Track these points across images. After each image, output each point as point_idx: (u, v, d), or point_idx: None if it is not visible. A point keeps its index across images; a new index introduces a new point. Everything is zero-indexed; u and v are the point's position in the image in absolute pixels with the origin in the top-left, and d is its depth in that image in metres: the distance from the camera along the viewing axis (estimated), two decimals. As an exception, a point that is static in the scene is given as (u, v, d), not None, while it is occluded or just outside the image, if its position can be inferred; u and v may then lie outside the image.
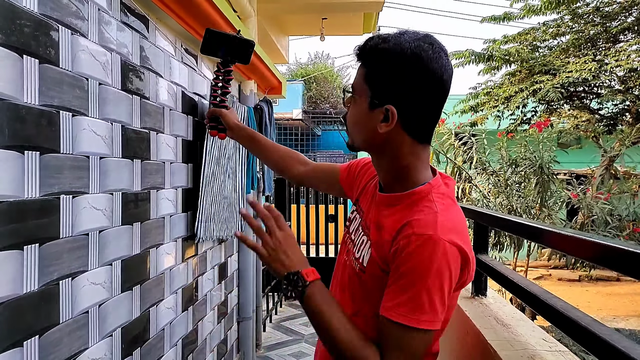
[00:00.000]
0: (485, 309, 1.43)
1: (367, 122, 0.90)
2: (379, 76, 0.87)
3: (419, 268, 0.79)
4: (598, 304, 8.13)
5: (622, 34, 7.71)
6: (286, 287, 0.87)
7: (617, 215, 5.49)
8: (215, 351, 2.54)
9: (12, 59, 1.01)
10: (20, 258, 1.03)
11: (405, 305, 0.79)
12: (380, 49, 0.86)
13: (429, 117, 0.89)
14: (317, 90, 14.76)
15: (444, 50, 0.87)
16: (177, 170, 1.96)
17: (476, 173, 5.80)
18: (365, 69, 0.89)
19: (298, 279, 0.86)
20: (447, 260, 0.80)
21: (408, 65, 0.83)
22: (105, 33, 1.38)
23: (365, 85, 0.89)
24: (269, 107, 3.27)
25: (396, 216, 0.88)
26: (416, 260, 0.80)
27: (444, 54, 0.86)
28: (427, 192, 0.89)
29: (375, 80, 0.87)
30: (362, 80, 0.90)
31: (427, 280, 0.79)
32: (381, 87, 0.87)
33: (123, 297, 1.50)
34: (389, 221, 0.90)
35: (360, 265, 0.94)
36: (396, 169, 0.92)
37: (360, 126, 0.92)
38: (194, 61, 2.16)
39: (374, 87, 0.88)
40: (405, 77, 0.84)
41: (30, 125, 1.06)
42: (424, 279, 0.79)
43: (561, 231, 0.99)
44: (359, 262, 0.95)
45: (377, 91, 0.87)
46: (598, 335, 0.81)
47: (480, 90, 8.79)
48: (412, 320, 0.79)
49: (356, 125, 0.93)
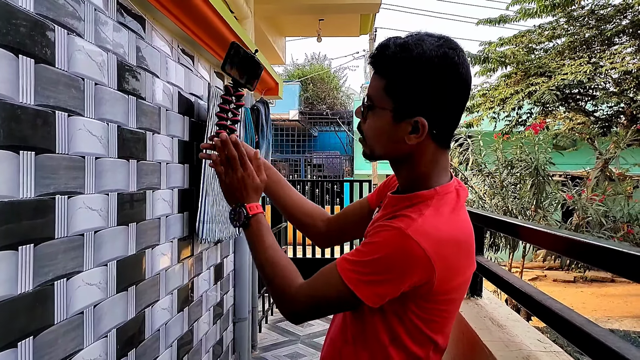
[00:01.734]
0: (481, 310, 1.43)
1: (393, 134, 0.86)
2: (404, 88, 0.83)
3: (376, 246, 0.82)
4: (592, 304, 8.17)
5: (617, 37, 7.77)
6: (233, 217, 1.02)
7: (612, 216, 5.53)
8: (210, 352, 2.53)
9: (7, 58, 1.00)
10: (14, 258, 1.03)
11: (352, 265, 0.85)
12: (403, 59, 0.81)
13: (455, 123, 0.89)
14: (314, 91, 14.77)
15: (463, 50, 0.85)
16: (173, 170, 1.95)
17: (472, 174, 5.82)
18: (385, 79, 0.85)
19: (242, 212, 1.01)
20: (402, 254, 0.80)
21: (437, 75, 0.81)
22: (102, 33, 1.38)
23: (387, 96, 0.85)
24: (265, 108, 3.27)
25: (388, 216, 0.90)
26: (377, 239, 0.83)
27: (464, 55, 0.85)
28: (429, 197, 0.88)
29: (400, 92, 0.83)
30: (381, 92, 0.85)
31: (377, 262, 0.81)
32: (407, 98, 0.83)
33: (118, 297, 1.49)
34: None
35: None
36: (416, 176, 0.91)
37: (383, 138, 0.88)
38: (190, 62, 2.16)
39: (398, 98, 0.84)
40: (434, 87, 0.81)
41: (25, 125, 1.06)
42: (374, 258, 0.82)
43: (556, 232, 0.99)
44: None
45: (403, 103, 0.84)
46: (592, 335, 0.81)
47: (476, 92, 8.83)
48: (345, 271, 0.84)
49: (379, 137, 0.89)
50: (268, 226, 1.02)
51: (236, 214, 1.02)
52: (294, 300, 0.91)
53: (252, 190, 1.03)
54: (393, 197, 0.96)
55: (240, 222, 1.01)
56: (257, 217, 1.01)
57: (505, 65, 8.21)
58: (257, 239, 0.99)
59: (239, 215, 1.01)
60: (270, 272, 0.95)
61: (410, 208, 0.87)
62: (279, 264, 0.95)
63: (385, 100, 0.85)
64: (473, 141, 5.76)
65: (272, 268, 0.95)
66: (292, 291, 0.91)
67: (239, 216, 1.01)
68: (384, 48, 0.85)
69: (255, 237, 1.00)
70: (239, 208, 1.01)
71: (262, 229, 1.00)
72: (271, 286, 0.95)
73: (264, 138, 3.23)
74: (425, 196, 0.88)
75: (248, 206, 1.01)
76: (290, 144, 14.41)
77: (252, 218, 1.00)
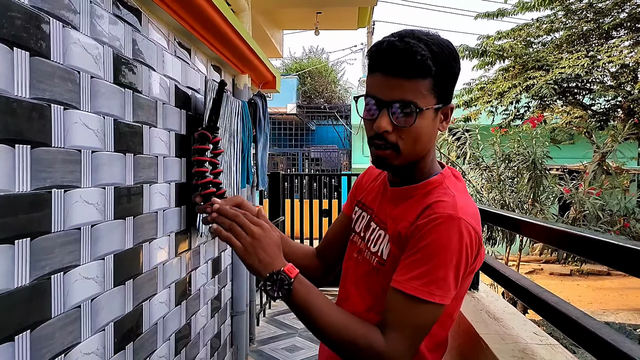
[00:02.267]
0: (477, 303, 1.44)
1: (432, 130, 0.88)
2: (449, 81, 0.87)
3: (437, 243, 0.80)
4: (589, 298, 8.22)
5: (615, 30, 7.76)
6: (272, 288, 0.82)
7: (609, 210, 5.55)
8: (208, 345, 2.54)
9: (2, 51, 0.99)
10: (11, 252, 1.02)
11: (420, 279, 0.80)
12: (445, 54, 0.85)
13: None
14: (312, 85, 14.73)
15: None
16: (171, 164, 1.95)
17: (469, 168, 5.82)
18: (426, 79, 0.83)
19: (283, 278, 0.82)
20: (464, 240, 0.81)
21: (458, 66, 0.88)
22: (97, 26, 1.37)
23: (431, 95, 0.85)
24: (263, 101, 3.26)
25: (415, 205, 0.89)
26: (435, 236, 0.81)
27: None
28: (440, 181, 0.92)
29: (445, 86, 0.86)
30: (424, 92, 0.84)
31: (445, 256, 0.80)
32: (448, 90, 0.88)
33: (115, 291, 1.49)
34: (407, 212, 0.90)
35: (378, 258, 0.94)
36: (424, 166, 0.93)
37: (426, 137, 0.88)
38: (187, 55, 2.15)
39: (442, 92, 0.86)
40: (459, 71, 0.89)
41: (21, 119, 1.05)
42: (441, 255, 0.80)
43: (553, 226, 1.00)
44: (376, 256, 0.95)
45: (442, 96, 0.87)
46: (588, 328, 0.82)
47: (474, 86, 8.82)
48: (424, 293, 0.79)
49: (421, 138, 0.87)
50: (312, 285, 0.86)
51: (275, 284, 0.82)
52: (390, 355, 0.80)
53: (277, 248, 0.86)
54: (401, 190, 0.95)
55: (283, 292, 0.82)
56: (299, 279, 0.84)
57: (503, 59, 8.20)
58: (309, 305, 0.83)
59: (280, 284, 0.82)
60: (340, 338, 0.82)
61: (432, 194, 0.89)
62: (345, 325, 0.82)
63: (430, 98, 0.85)
64: (471, 135, 5.76)
65: (340, 333, 0.81)
66: (382, 347, 0.80)
67: (281, 285, 0.82)
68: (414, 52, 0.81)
69: (305, 302, 0.83)
70: (278, 276, 0.82)
71: (311, 292, 0.84)
72: (346, 351, 0.83)
73: (262, 132, 3.23)
74: (438, 181, 0.91)
75: (285, 269, 0.83)
76: (288, 137, 14.39)
77: (295, 281, 0.83)
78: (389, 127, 0.84)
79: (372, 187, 1.07)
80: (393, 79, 0.83)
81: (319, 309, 0.83)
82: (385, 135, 0.85)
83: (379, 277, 0.93)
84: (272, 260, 0.84)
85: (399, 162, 0.88)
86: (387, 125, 0.84)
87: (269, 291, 0.82)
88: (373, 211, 1.01)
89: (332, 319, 0.82)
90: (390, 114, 0.83)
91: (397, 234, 0.90)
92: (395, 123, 0.84)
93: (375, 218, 1.00)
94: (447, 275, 0.80)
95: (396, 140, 0.85)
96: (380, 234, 0.96)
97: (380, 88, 0.85)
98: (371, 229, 0.99)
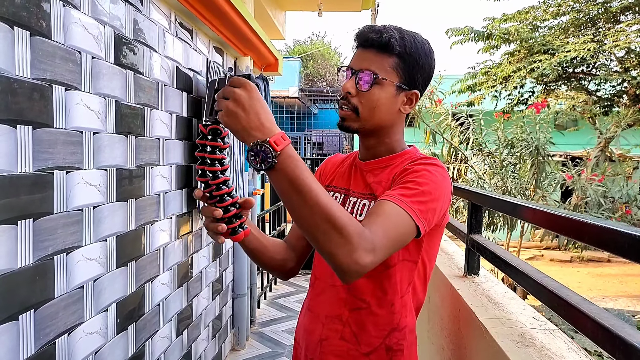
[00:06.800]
0: (477, 288, 1.44)
1: (392, 105, 0.99)
2: (412, 65, 0.98)
3: (427, 177, 0.90)
4: (588, 284, 8.27)
5: (623, 14, 7.64)
6: (254, 159, 0.73)
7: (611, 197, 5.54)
8: (210, 327, 2.57)
9: (2, 30, 0.98)
10: (14, 233, 1.03)
11: (409, 197, 0.86)
12: (412, 41, 0.97)
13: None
14: (314, 68, 14.61)
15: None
16: (172, 147, 1.95)
17: (472, 154, 5.80)
18: (392, 57, 0.96)
19: (267, 150, 0.73)
20: (448, 183, 0.94)
21: (432, 59, 1.01)
22: (98, 5, 1.35)
23: (394, 72, 0.97)
24: (265, 84, 3.23)
25: (397, 168, 0.99)
26: (425, 171, 0.91)
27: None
28: (415, 151, 1.04)
29: (407, 69, 0.97)
30: (388, 68, 0.97)
31: (432, 188, 0.89)
32: (412, 75, 0.98)
33: (118, 272, 1.50)
34: (390, 175, 0.99)
35: None
36: (394, 140, 1.04)
37: (384, 108, 0.98)
38: (188, 36, 2.12)
39: (405, 74, 0.98)
40: (430, 67, 1.01)
41: (22, 99, 1.05)
42: (429, 185, 0.89)
43: (554, 211, 1.00)
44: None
45: (407, 78, 0.98)
46: (587, 313, 0.82)
47: (478, 70, 8.73)
48: (410, 210, 0.85)
49: (380, 107, 0.98)
50: (302, 161, 0.77)
51: (258, 155, 0.73)
52: (373, 246, 0.76)
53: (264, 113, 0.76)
54: (378, 160, 1.04)
55: (267, 164, 0.73)
56: (287, 153, 0.74)
57: (509, 43, 8.09)
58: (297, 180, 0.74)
59: (263, 156, 0.73)
60: (326, 219, 0.73)
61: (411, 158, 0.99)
62: (334, 208, 0.74)
63: (392, 74, 0.97)
64: (474, 120, 5.73)
65: (328, 214, 0.73)
66: (367, 236, 0.76)
67: (264, 157, 0.73)
68: (386, 32, 0.95)
69: (293, 178, 0.74)
70: (262, 147, 0.73)
71: (298, 165, 0.75)
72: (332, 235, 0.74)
73: (264, 115, 3.21)
74: (412, 152, 1.04)
75: (272, 140, 0.73)
76: (290, 121, 14.33)
77: (280, 155, 0.73)
78: (352, 89, 0.97)
79: (339, 171, 1.13)
80: (365, 51, 0.97)
81: (308, 186, 0.74)
82: (348, 97, 0.97)
83: None
84: (257, 127, 0.74)
85: (358, 125, 0.99)
86: (351, 87, 0.97)
87: (251, 162, 0.74)
88: (347, 190, 1.06)
89: (323, 199, 0.74)
90: (356, 79, 0.96)
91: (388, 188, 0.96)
92: (357, 87, 0.96)
93: (353, 194, 1.04)
94: (432, 207, 0.88)
95: (357, 104, 0.97)
96: (365, 203, 1.01)
97: (355, 59, 1.00)
98: (352, 203, 1.03)
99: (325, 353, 1.01)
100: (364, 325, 0.98)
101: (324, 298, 1.04)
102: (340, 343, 0.99)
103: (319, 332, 1.03)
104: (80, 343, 1.30)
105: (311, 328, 1.06)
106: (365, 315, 0.98)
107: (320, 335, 1.03)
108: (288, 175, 0.74)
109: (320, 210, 0.73)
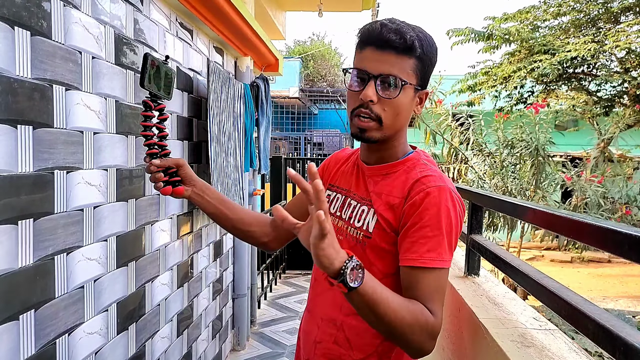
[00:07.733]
0: (478, 288, 1.44)
1: (410, 108, 0.96)
2: (428, 66, 0.94)
3: (437, 217, 0.88)
4: (589, 285, 8.26)
5: (623, 14, 7.64)
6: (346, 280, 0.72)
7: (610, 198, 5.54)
8: (210, 327, 2.57)
9: (3, 30, 0.98)
10: (14, 233, 1.03)
11: (434, 251, 0.87)
12: (429, 41, 0.92)
13: None
14: (315, 68, 14.61)
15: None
16: (173, 147, 1.95)
17: (472, 154, 5.79)
18: (412, 58, 0.91)
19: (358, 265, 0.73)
20: (456, 207, 0.92)
21: (437, 58, 0.97)
22: (98, 5, 1.35)
23: (414, 74, 0.92)
24: (265, 84, 3.23)
25: (398, 181, 0.96)
26: (434, 210, 0.89)
27: None
28: (417, 158, 1.00)
29: (424, 70, 0.93)
30: (410, 70, 0.91)
31: (445, 225, 0.89)
32: (426, 75, 0.95)
33: (118, 272, 1.50)
34: (392, 187, 0.96)
35: (364, 232, 0.97)
36: (398, 144, 1.00)
37: (406, 114, 0.95)
38: (189, 36, 2.12)
39: (421, 75, 0.93)
40: (434, 67, 0.96)
41: (22, 99, 1.05)
42: (443, 224, 0.88)
43: (554, 212, 1.00)
44: (362, 230, 0.97)
45: (422, 79, 0.94)
46: (587, 314, 0.82)
47: (479, 70, 8.72)
48: (441, 263, 0.87)
49: (402, 113, 0.94)
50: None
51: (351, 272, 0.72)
52: (437, 329, 0.85)
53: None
54: (380, 167, 1.00)
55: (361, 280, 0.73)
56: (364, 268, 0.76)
57: (510, 43, 8.08)
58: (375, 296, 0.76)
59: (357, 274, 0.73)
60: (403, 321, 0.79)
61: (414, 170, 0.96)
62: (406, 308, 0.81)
63: (412, 77, 0.92)
64: (474, 120, 5.72)
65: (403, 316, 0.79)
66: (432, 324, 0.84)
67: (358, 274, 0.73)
68: (407, 32, 0.88)
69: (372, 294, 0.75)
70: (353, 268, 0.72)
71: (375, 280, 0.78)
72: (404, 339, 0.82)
73: (264, 115, 3.21)
74: (414, 158, 1.00)
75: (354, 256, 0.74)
76: (290, 121, 14.33)
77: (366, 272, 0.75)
78: (374, 97, 0.89)
79: (343, 170, 1.10)
80: (383, 53, 0.89)
81: (386, 301, 0.77)
82: (370, 105, 0.90)
83: (366, 249, 0.97)
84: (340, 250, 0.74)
85: (381, 134, 0.93)
86: (373, 95, 0.89)
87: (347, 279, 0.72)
88: (349, 191, 1.05)
89: (396, 304, 0.79)
90: (377, 85, 0.89)
91: (387, 206, 0.95)
92: (381, 94, 0.90)
93: (354, 196, 1.03)
94: (450, 242, 0.89)
95: (380, 112, 0.91)
96: (364, 209, 0.99)
97: (370, 62, 0.90)
98: (352, 207, 1.02)
99: (319, 355, 1.02)
100: (357, 331, 0.97)
101: (321, 300, 1.04)
102: (333, 347, 1.00)
103: (314, 333, 1.04)
104: (80, 343, 1.30)
105: (308, 329, 1.07)
106: (360, 321, 0.95)
107: (316, 337, 1.03)
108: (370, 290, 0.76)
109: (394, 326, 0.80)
